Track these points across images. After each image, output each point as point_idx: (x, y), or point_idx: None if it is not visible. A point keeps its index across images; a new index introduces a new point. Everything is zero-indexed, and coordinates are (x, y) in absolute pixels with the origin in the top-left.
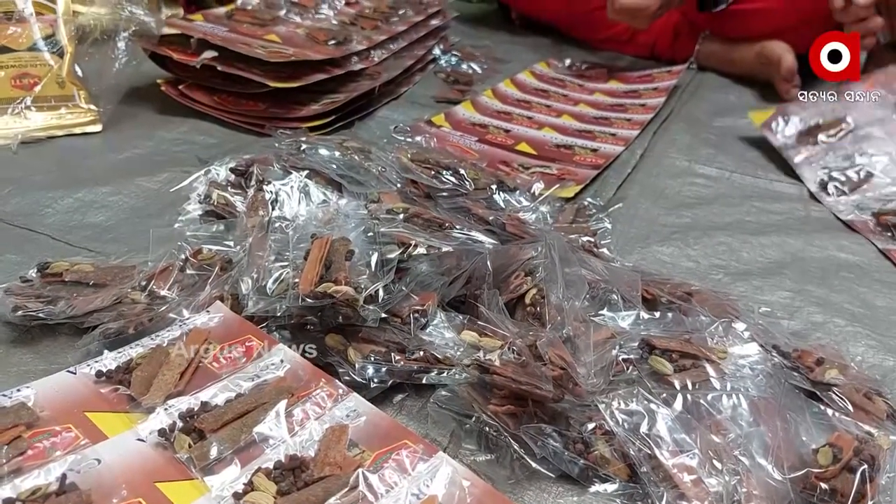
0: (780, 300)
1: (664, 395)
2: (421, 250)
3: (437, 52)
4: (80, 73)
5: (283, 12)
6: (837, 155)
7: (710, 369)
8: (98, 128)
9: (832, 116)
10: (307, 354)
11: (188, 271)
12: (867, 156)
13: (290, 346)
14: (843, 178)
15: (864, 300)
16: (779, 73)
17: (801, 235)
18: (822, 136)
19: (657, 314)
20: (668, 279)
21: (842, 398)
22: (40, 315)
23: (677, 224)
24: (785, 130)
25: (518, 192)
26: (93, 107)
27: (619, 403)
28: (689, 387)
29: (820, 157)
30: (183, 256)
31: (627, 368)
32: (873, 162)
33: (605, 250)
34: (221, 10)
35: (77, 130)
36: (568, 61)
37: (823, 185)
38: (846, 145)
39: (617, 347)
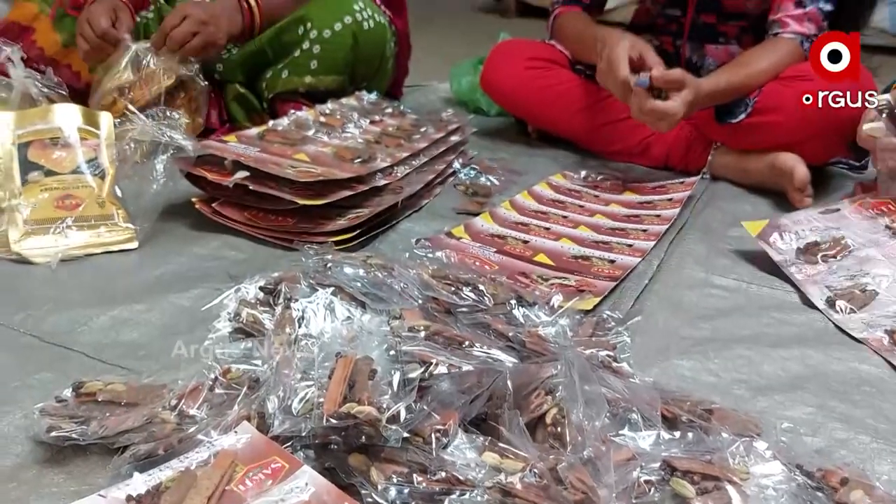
0: (802, 416)
1: None
2: (442, 369)
3: (456, 165)
4: (119, 193)
5: (311, 132)
6: (840, 276)
7: (732, 491)
8: (134, 245)
9: (829, 236)
10: None
11: (217, 390)
12: (870, 276)
13: (313, 467)
14: (849, 297)
15: (887, 416)
16: (792, 184)
17: (820, 347)
18: (821, 256)
19: (678, 433)
20: (687, 396)
21: None
22: (73, 436)
23: (696, 336)
24: (781, 246)
25: (537, 306)
26: (130, 225)
27: None
28: None
29: (823, 277)
30: (213, 376)
31: (649, 490)
32: (877, 281)
33: (624, 365)
34: (254, 131)
35: (114, 248)
36: (583, 173)
37: (831, 303)
38: (848, 265)
39: (638, 469)
